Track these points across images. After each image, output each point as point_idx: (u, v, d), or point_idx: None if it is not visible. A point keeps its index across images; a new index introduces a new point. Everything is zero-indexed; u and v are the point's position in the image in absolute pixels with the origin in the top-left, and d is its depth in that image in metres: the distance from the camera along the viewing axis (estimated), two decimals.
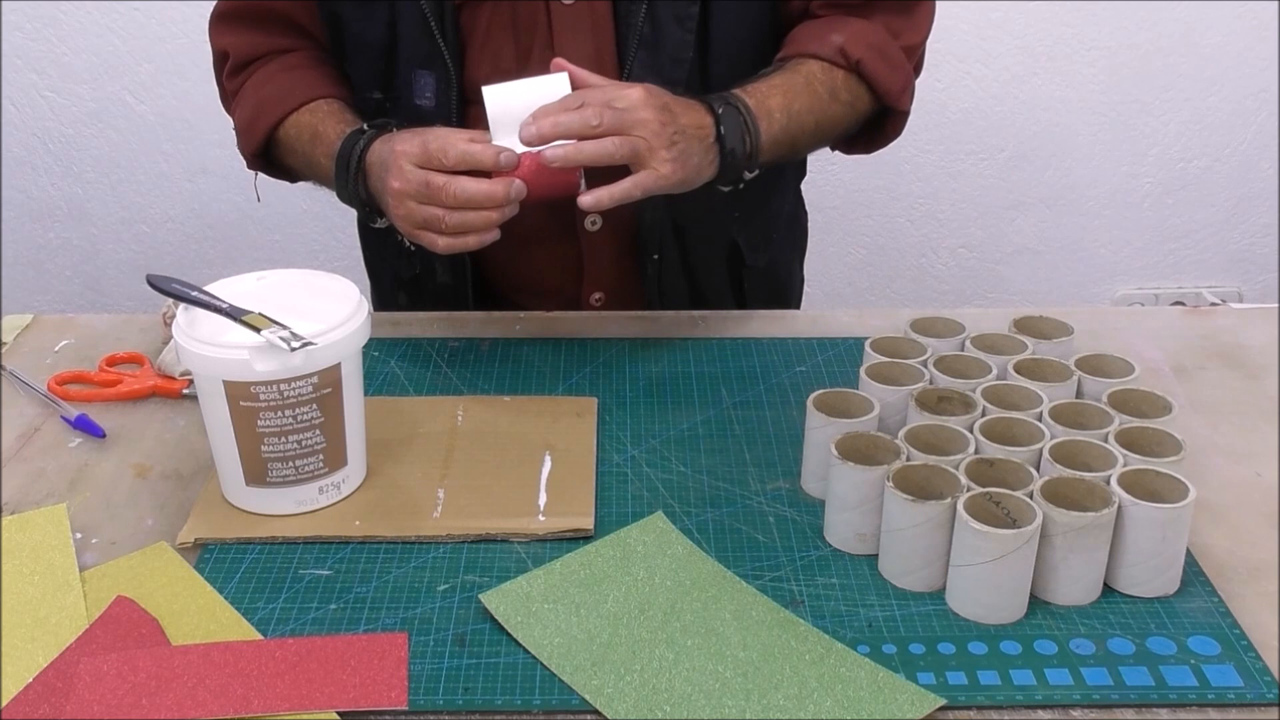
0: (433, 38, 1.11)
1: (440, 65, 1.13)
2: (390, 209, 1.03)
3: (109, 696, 0.72)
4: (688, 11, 1.11)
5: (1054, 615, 0.80)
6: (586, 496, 0.92)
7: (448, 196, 0.99)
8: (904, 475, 0.83)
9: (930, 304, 2.34)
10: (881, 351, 0.99)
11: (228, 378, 0.85)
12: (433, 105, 1.14)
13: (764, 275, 1.32)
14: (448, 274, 1.24)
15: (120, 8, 2.13)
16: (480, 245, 1.01)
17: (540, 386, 1.09)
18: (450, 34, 1.12)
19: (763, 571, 0.84)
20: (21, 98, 2.20)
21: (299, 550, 0.87)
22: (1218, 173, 2.31)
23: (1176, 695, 0.73)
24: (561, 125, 0.97)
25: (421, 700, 0.74)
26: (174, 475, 0.96)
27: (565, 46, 1.12)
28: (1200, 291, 2.40)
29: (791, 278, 1.41)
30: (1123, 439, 0.87)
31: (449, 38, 1.12)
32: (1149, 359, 1.12)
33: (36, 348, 1.16)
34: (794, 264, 1.42)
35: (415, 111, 1.14)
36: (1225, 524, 0.89)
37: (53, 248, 2.32)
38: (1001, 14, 2.16)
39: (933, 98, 2.20)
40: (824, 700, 0.72)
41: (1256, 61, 2.21)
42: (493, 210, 0.99)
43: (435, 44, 1.12)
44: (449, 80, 1.13)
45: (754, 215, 1.27)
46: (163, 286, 0.91)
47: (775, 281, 1.36)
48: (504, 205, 0.99)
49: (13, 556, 0.85)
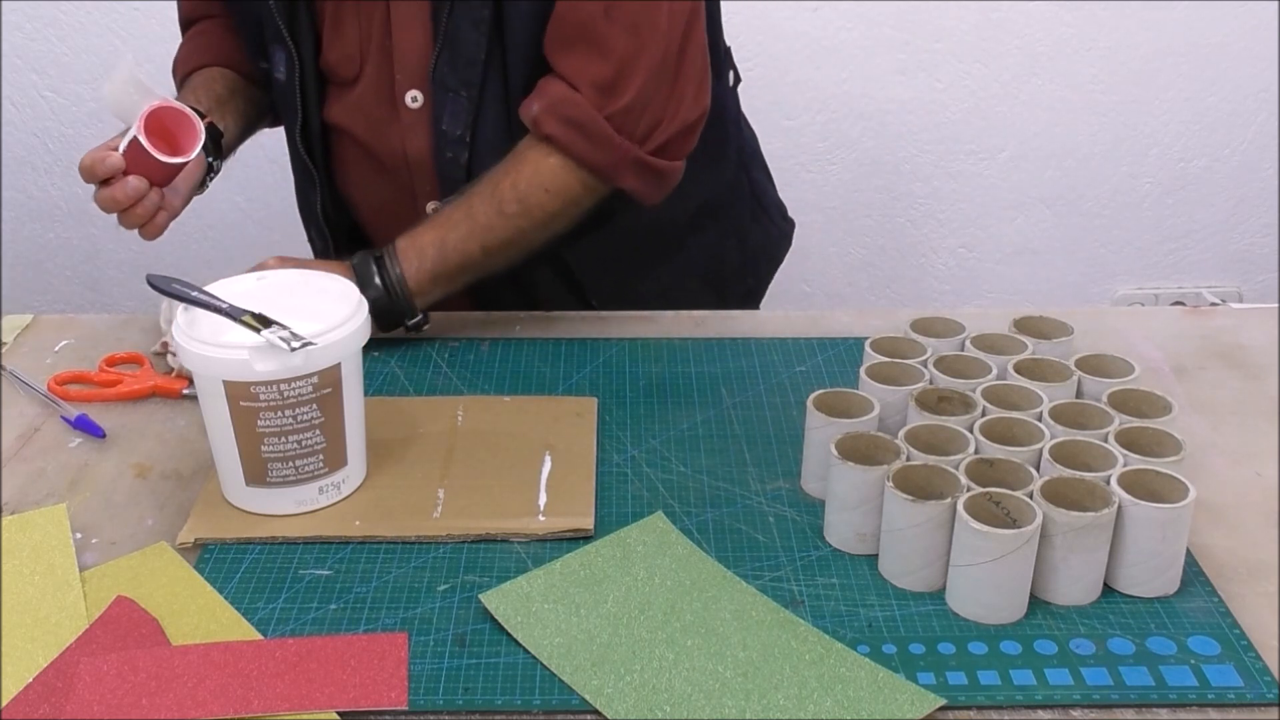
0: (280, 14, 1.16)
1: (285, 42, 1.18)
2: None
3: (109, 696, 0.72)
4: (480, 14, 1.12)
5: (1054, 615, 0.80)
6: (586, 496, 0.92)
7: (116, 201, 1.08)
8: (904, 475, 0.83)
9: (930, 304, 2.34)
10: (881, 351, 0.99)
11: (228, 378, 0.85)
12: (284, 80, 1.20)
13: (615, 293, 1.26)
14: (316, 238, 1.33)
15: (120, 8, 2.13)
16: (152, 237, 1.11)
17: (540, 386, 1.09)
18: (303, 13, 1.17)
19: (763, 571, 0.84)
20: (21, 98, 2.20)
21: (299, 550, 0.87)
22: (1218, 173, 2.31)
23: (1176, 695, 0.73)
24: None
25: (421, 700, 0.74)
26: (174, 475, 0.96)
27: (400, 36, 1.16)
28: (1200, 291, 2.39)
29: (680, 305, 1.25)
30: (1123, 439, 0.87)
31: (299, 16, 1.17)
32: (1149, 359, 1.12)
33: (36, 348, 1.16)
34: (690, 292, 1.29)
35: (276, 83, 1.22)
36: (1225, 524, 0.89)
37: (53, 248, 2.32)
38: (1001, 14, 2.16)
39: (933, 98, 2.20)
40: (824, 700, 0.72)
41: (1256, 61, 2.21)
42: (118, 211, 1.08)
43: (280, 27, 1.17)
44: (294, 57, 1.18)
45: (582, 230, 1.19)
46: (163, 286, 0.91)
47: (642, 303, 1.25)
48: (122, 206, 1.07)
49: (13, 556, 0.85)
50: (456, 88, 1.14)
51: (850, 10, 2.13)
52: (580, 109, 1.10)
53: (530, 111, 1.12)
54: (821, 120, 2.21)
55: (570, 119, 1.10)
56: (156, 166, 1.05)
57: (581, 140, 1.10)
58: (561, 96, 1.10)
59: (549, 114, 1.10)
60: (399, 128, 1.18)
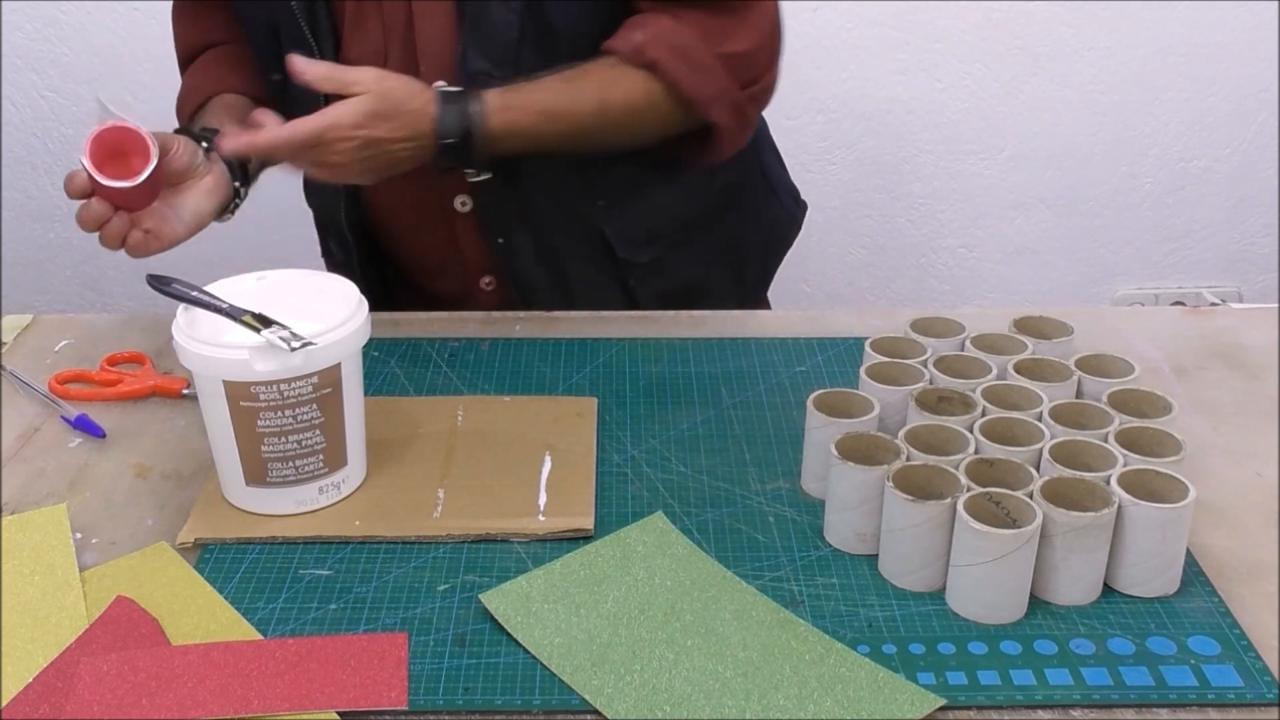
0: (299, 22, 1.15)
1: (308, 46, 1.15)
2: None
3: (109, 696, 0.72)
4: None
5: (1054, 615, 0.80)
6: (586, 496, 0.92)
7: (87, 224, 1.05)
8: (904, 475, 0.83)
9: (930, 304, 2.34)
10: (881, 351, 0.99)
11: (228, 378, 0.85)
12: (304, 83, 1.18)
13: (649, 271, 1.28)
14: (337, 248, 1.31)
15: (120, 8, 2.13)
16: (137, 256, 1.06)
17: (540, 386, 1.09)
18: (323, 16, 1.15)
19: (763, 571, 0.84)
20: (21, 98, 2.20)
21: (299, 550, 0.87)
22: (1217, 173, 2.31)
23: (1176, 695, 0.73)
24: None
25: (421, 700, 0.74)
26: (174, 475, 0.96)
27: (421, 27, 1.14)
28: (1200, 291, 2.39)
29: (710, 286, 1.33)
30: (1123, 439, 0.87)
31: (319, 20, 1.15)
32: (1149, 359, 1.12)
33: (36, 348, 1.16)
34: (719, 271, 1.34)
35: (298, 90, 1.17)
36: (1225, 524, 0.89)
37: (53, 248, 2.32)
38: (1001, 14, 2.16)
39: (933, 98, 2.20)
40: (824, 700, 0.72)
41: (1256, 61, 2.21)
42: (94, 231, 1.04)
43: (302, 27, 1.15)
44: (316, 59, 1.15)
45: (623, 207, 1.24)
46: (163, 287, 0.91)
47: (675, 283, 1.30)
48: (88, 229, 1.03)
49: (13, 556, 0.85)
50: (488, 70, 1.13)
51: (850, 10, 2.13)
52: (689, 40, 1.12)
53: (631, 40, 1.12)
54: (821, 120, 2.21)
55: (677, 47, 1.11)
56: (110, 190, 1.02)
57: (685, 68, 1.12)
58: (670, 27, 1.12)
59: (656, 41, 1.11)
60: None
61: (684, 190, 1.27)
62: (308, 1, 1.14)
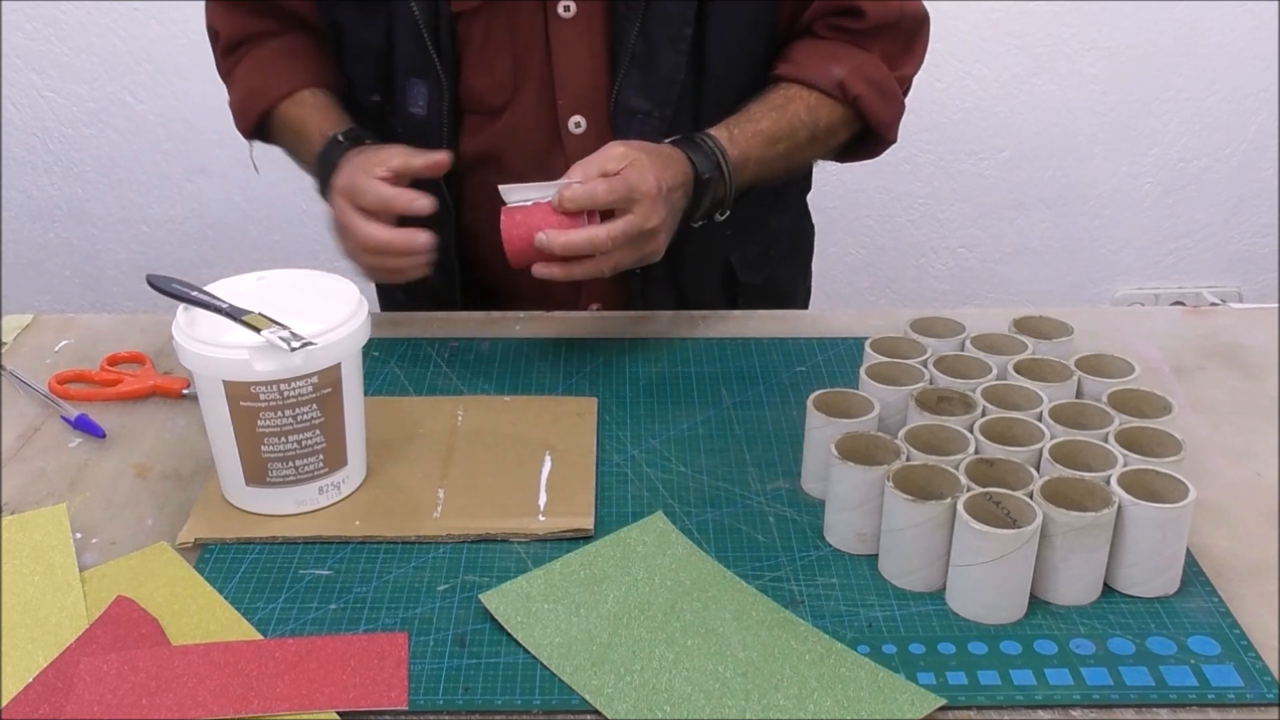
0: (425, 46, 1.11)
1: (433, 74, 1.13)
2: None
3: (109, 696, 0.72)
4: (682, 34, 1.11)
5: (1054, 615, 0.80)
6: (586, 496, 0.92)
7: (358, 239, 1.02)
8: (904, 475, 0.83)
9: (930, 304, 2.34)
10: (881, 351, 0.99)
11: (228, 378, 0.85)
12: (425, 114, 1.15)
13: (761, 291, 1.32)
14: (437, 277, 1.24)
15: (120, 8, 2.13)
16: (407, 280, 1.05)
17: (540, 386, 1.09)
18: (445, 43, 1.12)
19: (763, 571, 0.84)
20: (21, 98, 2.20)
21: (299, 550, 0.87)
22: (1218, 173, 2.31)
23: (1176, 695, 0.73)
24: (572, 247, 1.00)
25: (421, 700, 0.74)
26: (174, 475, 0.96)
27: (561, 60, 1.13)
28: (1200, 291, 2.40)
29: (794, 290, 1.41)
30: (1123, 439, 0.87)
31: (444, 47, 1.12)
32: (1149, 359, 1.12)
33: (36, 348, 1.16)
34: (797, 277, 1.42)
35: (410, 118, 1.15)
36: (1225, 524, 0.89)
37: (53, 248, 2.32)
38: (1001, 14, 2.16)
39: (933, 98, 2.20)
40: (824, 700, 0.73)
41: (1256, 61, 2.21)
42: (401, 259, 1.02)
43: (428, 52, 1.12)
44: (441, 89, 1.13)
45: (749, 235, 1.27)
46: (163, 286, 0.91)
47: (774, 296, 1.35)
48: (412, 254, 1.02)
49: (13, 556, 0.85)
50: (648, 110, 1.12)
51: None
52: (881, 73, 1.17)
53: (830, 75, 1.15)
54: None
55: (875, 81, 1.16)
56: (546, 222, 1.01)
57: (880, 100, 1.17)
58: (864, 60, 1.16)
59: (856, 77, 1.15)
60: (562, 154, 1.16)
61: (791, 214, 1.36)
62: (432, 31, 1.11)
